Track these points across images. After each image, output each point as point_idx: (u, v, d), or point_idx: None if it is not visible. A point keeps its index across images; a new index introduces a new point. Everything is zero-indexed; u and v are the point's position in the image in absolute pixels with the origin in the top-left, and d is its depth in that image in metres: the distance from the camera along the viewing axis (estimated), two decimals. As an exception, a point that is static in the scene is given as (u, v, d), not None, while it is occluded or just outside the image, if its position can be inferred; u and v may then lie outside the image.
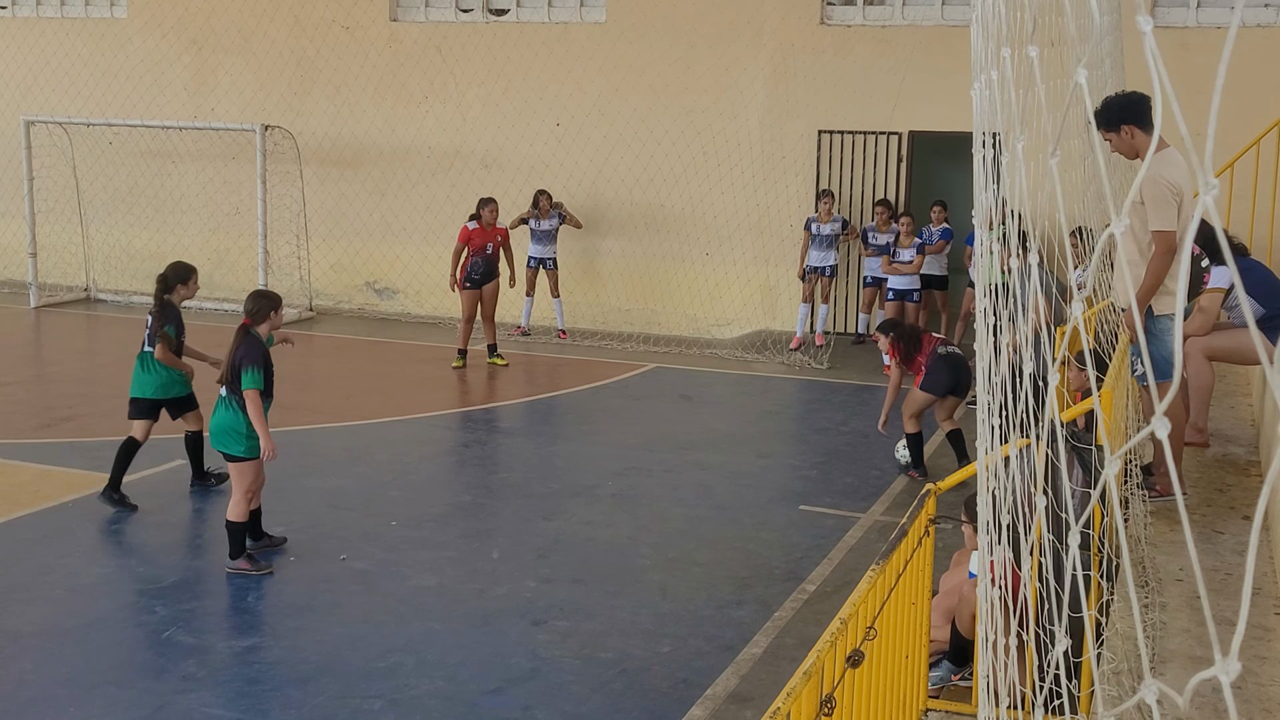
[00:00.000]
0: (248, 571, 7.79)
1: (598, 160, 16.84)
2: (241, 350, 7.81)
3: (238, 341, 7.87)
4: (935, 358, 9.81)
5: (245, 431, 7.78)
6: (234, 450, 7.82)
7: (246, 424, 7.77)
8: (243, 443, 7.80)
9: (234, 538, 7.83)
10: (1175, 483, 1.13)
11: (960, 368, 9.82)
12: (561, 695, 6.24)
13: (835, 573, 8.00)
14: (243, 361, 7.75)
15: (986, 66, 2.24)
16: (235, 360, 7.79)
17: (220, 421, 7.83)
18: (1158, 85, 1.13)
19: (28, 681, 6.23)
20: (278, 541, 8.19)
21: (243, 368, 7.73)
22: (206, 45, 18.85)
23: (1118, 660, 4.41)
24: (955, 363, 9.83)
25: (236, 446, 7.80)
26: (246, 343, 7.86)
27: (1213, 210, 1.07)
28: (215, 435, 7.88)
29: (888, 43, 15.58)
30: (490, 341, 14.53)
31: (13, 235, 19.64)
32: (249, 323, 7.93)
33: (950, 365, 9.80)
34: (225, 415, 7.81)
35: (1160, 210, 5.75)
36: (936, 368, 9.78)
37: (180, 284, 9.54)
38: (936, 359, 9.80)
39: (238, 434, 7.79)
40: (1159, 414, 1.02)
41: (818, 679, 3.30)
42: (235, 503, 7.84)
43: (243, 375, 7.73)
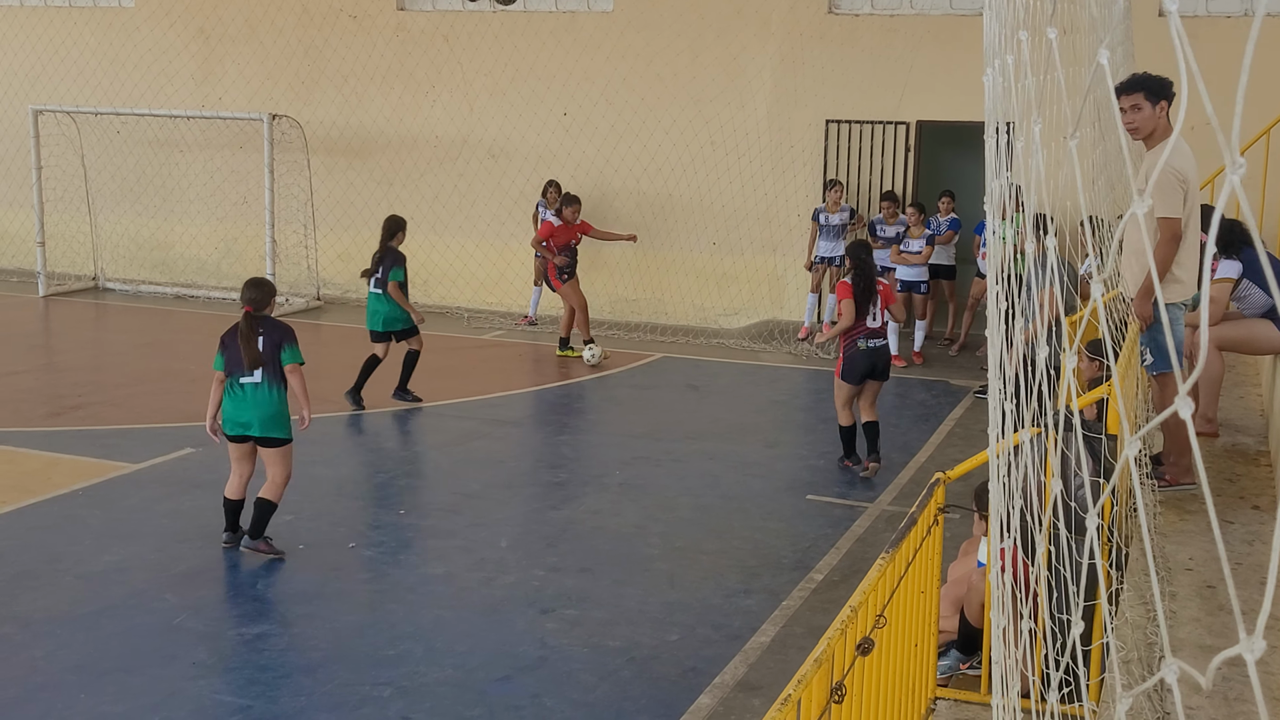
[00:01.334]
0: (263, 552, 7.83)
1: (605, 149, 16.82)
2: (275, 333, 7.89)
3: (256, 328, 7.88)
4: (853, 348, 9.55)
5: (286, 414, 7.89)
6: (285, 434, 7.90)
7: (285, 406, 7.87)
8: (287, 427, 7.91)
9: (262, 517, 7.86)
10: (1199, 470, 1.12)
11: (880, 355, 9.62)
12: (570, 683, 6.25)
13: (843, 562, 8.00)
14: (283, 340, 7.87)
15: (1001, 51, 2.24)
16: (274, 343, 7.84)
17: (267, 409, 7.81)
18: (1183, 66, 1.13)
19: (39, 668, 6.26)
20: None
21: (285, 344, 7.86)
22: (214, 34, 18.84)
23: (1127, 649, 4.41)
24: (874, 353, 9.57)
25: (286, 429, 7.90)
26: (271, 325, 7.94)
27: (1240, 191, 1.07)
28: (265, 424, 7.82)
29: (896, 32, 15.54)
30: (564, 335, 14.55)
31: (21, 224, 19.67)
32: (252, 310, 7.94)
33: (868, 355, 9.54)
34: (270, 400, 7.82)
35: (1166, 197, 5.74)
36: (854, 357, 9.56)
37: (399, 231, 11.72)
38: (854, 350, 9.55)
39: (284, 417, 7.88)
40: (1182, 394, 1.01)
41: (828, 666, 3.30)
42: (278, 485, 7.89)
43: (285, 352, 7.84)
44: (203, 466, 9.73)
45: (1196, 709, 3.86)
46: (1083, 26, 5.49)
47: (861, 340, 9.53)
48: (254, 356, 7.79)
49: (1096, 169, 6.54)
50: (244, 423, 7.81)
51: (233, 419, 7.85)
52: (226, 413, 7.89)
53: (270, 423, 7.83)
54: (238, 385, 7.82)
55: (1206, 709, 3.87)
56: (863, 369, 9.57)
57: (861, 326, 9.53)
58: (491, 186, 17.48)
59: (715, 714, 5.96)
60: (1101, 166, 6.57)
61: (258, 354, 7.80)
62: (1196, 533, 5.73)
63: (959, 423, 11.71)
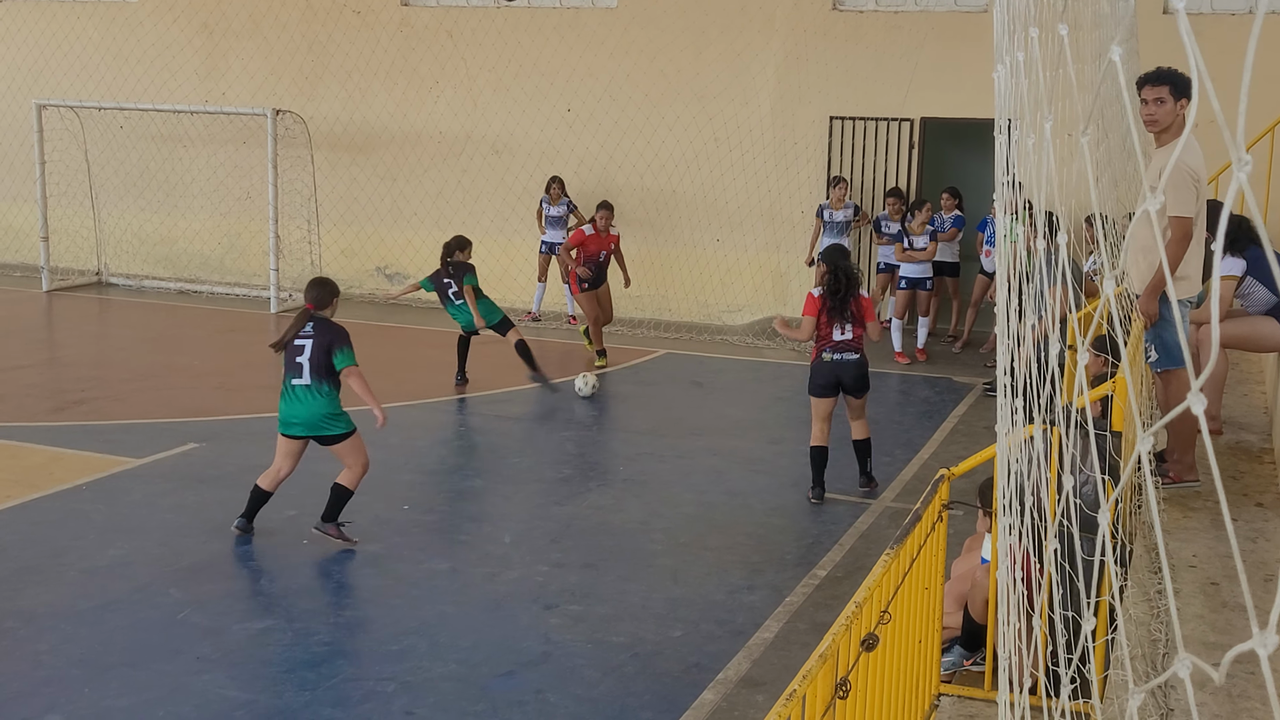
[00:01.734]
0: (332, 536, 8.00)
1: (609, 146, 16.82)
2: (327, 336, 7.93)
3: (307, 328, 7.96)
4: (818, 360, 9.07)
5: (339, 411, 7.99)
6: (338, 430, 7.99)
7: (337, 404, 7.97)
8: (343, 421, 8.02)
9: (337, 502, 8.05)
10: (1213, 467, 1.13)
11: (845, 369, 8.99)
12: (573, 679, 6.26)
13: (846, 558, 8.01)
14: (334, 343, 7.92)
15: (1011, 49, 2.24)
16: (323, 345, 7.88)
17: (313, 411, 7.90)
18: (1193, 63, 1.13)
19: (42, 663, 6.27)
20: None
21: (336, 348, 7.90)
22: (218, 29, 18.84)
23: (1131, 645, 4.42)
24: (839, 366, 8.99)
25: (338, 426, 8.00)
26: (325, 327, 8.00)
27: (1247, 187, 1.07)
28: (311, 425, 7.92)
29: (900, 28, 15.53)
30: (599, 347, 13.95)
31: (25, 219, 19.68)
32: (313, 308, 8.04)
33: (831, 369, 9.00)
34: (316, 403, 7.90)
35: (1180, 196, 5.74)
36: (816, 369, 9.10)
37: (459, 250, 12.37)
38: (818, 361, 9.06)
39: (334, 416, 7.98)
40: (1195, 389, 1.02)
41: (833, 662, 3.31)
42: (355, 474, 8.07)
43: (338, 355, 7.89)
44: (206, 462, 9.74)
45: (1201, 705, 3.86)
46: (1086, 24, 5.48)
47: (827, 352, 9.00)
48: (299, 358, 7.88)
49: (1100, 166, 6.54)
50: (293, 422, 7.94)
51: (284, 418, 7.97)
52: (280, 410, 8.00)
53: (317, 424, 7.92)
54: (290, 385, 7.92)
55: (1210, 705, 3.88)
56: (824, 381, 9.03)
57: (828, 337, 9.01)
58: (495, 182, 17.48)
59: (719, 710, 5.97)
60: (1105, 163, 6.57)
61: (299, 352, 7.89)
62: (1199, 530, 5.73)
63: (962, 419, 11.71)
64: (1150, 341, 6.19)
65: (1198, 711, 3.75)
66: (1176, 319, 2.32)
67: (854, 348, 9.04)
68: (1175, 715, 3.85)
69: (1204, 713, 3.83)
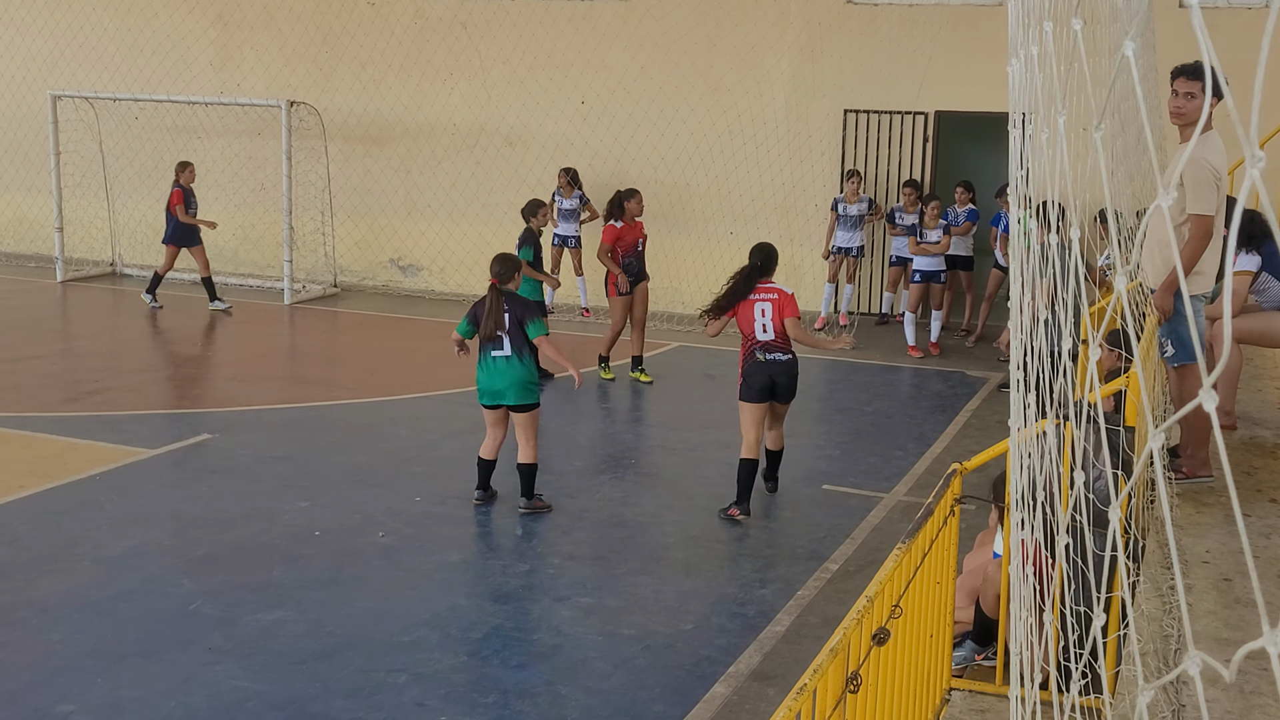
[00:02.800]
0: (538, 509, 8.57)
1: (622, 138, 16.81)
2: (517, 308, 8.43)
3: (502, 302, 8.39)
4: (751, 360, 8.51)
5: (536, 380, 8.56)
6: (534, 399, 8.50)
7: (534, 374, 8.54)
8: (537, 391, 8.56)
9: (528, 479, 8.58)
10: (1224, 463, 1.12)
11: (778, 370, 8.51)
12: (584, 671, 6.26)
13: (858, 552, 8.00)
14: (524, 315, 8.40)
15: (1026, 43, 2.23)
16: (516, 317, 8.36)
17: (516, 377, 8.41)
18: (1207, 60, 1.12)
19: (56, 652, 6.30)
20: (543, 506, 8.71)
21: (528, 320, 8.39)
22: (232, 21, 18.87)
23: (1143, 641, 4.40)
24: (772, 366, 8.50)
25: (534, 395, 8.52)
26: (515, 300, 8.49)
27: (1260, 184, 1.06)
28: (515, 391, 8.38)
29: (914, 22, 15.48)
30: (636, 353, 12.93)
31: (40, 209, 19.75)
32: (497, 283, 8.45)
33: (765, 369, 8.49)
34: (519, 370, 8.42)
35: (1201, 193, 5.70)
36: (749, 371, 8.51)
37: (532, 216, 12.14)
38: (751, 363, 8.51)
39: (534, 385, 8.52)
40: (1207, 386, 1.01)
41: (844, 656, 3.31)
42: (531, 447, 8.52)
43: (530, 326, 8.38)
44: (219, 453, 9.77)
45: (1212, 702, 3.85)
46: (1104, 17, 5.46)
47: (759, 351, 8.50)
48: (493, 328, 8.35)
49: (1116, 161, 6.51)
50: (497, 391, 8.43)
51: (486, 389, 8.48)
52: (480, 383, 8.51)
53: (520, 390, 8.42)
54: (489, 357, 8.38)
55: (1222, 702, 3.86)
56: (759, 384, 8.47)
57: (752, 337, 8.54)
58: (509, 175, 17.48)
59: (729, 703, 5.97)
60: (1121, 158, 6.54)
61: (500, 325, 8.35)
62: (1213, 525, 5.71)
63: (975, 414, 11.69)
64: (1165, 336, 6.16)
65: (1209, 708, 3.74)
66: (1189, 314, 2.31)
67: (783, 347, 8.59)
68: (1187, 711, 3.83)
69: (1215, 709, 3.82)
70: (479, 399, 8.58)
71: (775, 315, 8.51)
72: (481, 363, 8.47)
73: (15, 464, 9.32)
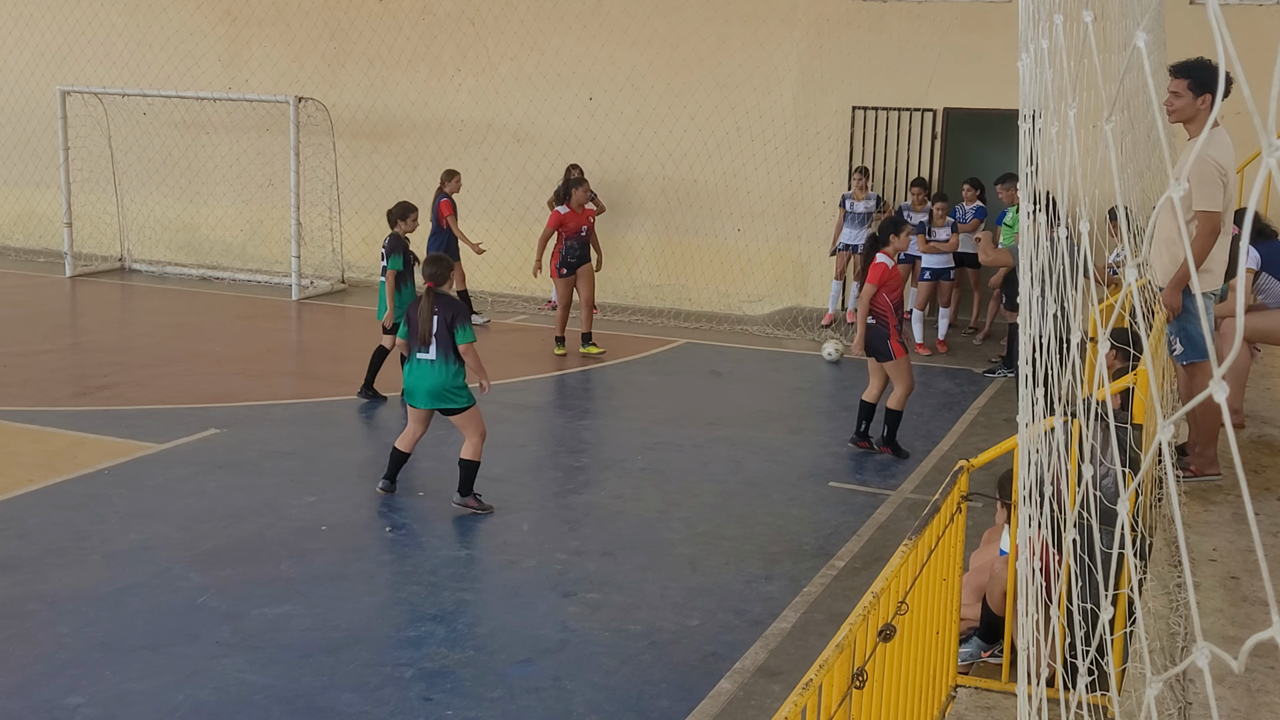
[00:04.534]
0: (471, 508, 8.43)
1: (630, 135, 16.80)
2: (448, 311, 8.32)
3: (434, 304, 8.29)
4: None
5: (462, 384, 8.38)
6: (461, 403, 8.37)
7: (459, 378, 8.36)
8: (465, 395, 8.39)
9: (467, 476, 8.48)
10: (1235, 459, 1.12)
11: None
12: (591, 667, 6.27)
13: (865, 549, 8.00)
14: (455, 320, 8.30)
15: (1036, 37, 2.23)
16: (446, 321, 8.26)
17: (435, 382, 8.32)
18: (1222, 53, 1.12)
19: (65, 645, 6.31)
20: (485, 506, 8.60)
21: (458, 325, 8.29)
22: (241, 17, 18.89)
23: (1149, 639, 4.40)
24: None
25: (461, 399, 8.37)
26: (446, 303, 8.39)
27: (1277, 172, 1.06)
28: (429, 397, 8.33)
29: (923, 18, 15.46)
30: (586, 329, 13.96)
31: (48, 205, 19.79)
32: (433, 285, 8.37)
33: None
34: (441, 375, 8.30)
35: (1206, 190, 5.69)
36: None
37: (401, 219, 11.30)
38: None
39: (458, 389, 8.36)
40: (1217, 377, 1.01)
41: (850, 652, 3.31)
42: (475, 446, 8.43)
43: (459, 332, 8.28)
44: (227, 447, 9.79)
45: (1218, 699, 3.85)
46: (1113, 13, 5.45)
47: None
48: (426, 331, 8.27)
49: (1125, 156, 6.50)
50: (411, 391, 8.43)
51: (407, 387, 8.49)
52: (405, 383, 8.49)
53: (442, 395, 8.32)
54: (415, 358, 8.34)
55: (1229, 699, 3.86)
56: None
57: None
58: (516, 171, 17.49)
59: (735, 699, 5.98)
60: (1130, 154, 6.53)
61: (428, 328, 8.27)
62: (1220, 524, 5.70)
63: (982, 411, 11.68)
64: (1174, 334, 6.15)
65: (1217, 706, 3.74)
66: (1200, 311, 2.30)
67: None
68: (1194, 709, 3.83)
69: (1222, 706, 3.82)
70: (404, 397, 8.60)
71: None
72: (409, 362, 8.44)
73: (24, 458, 9.34)
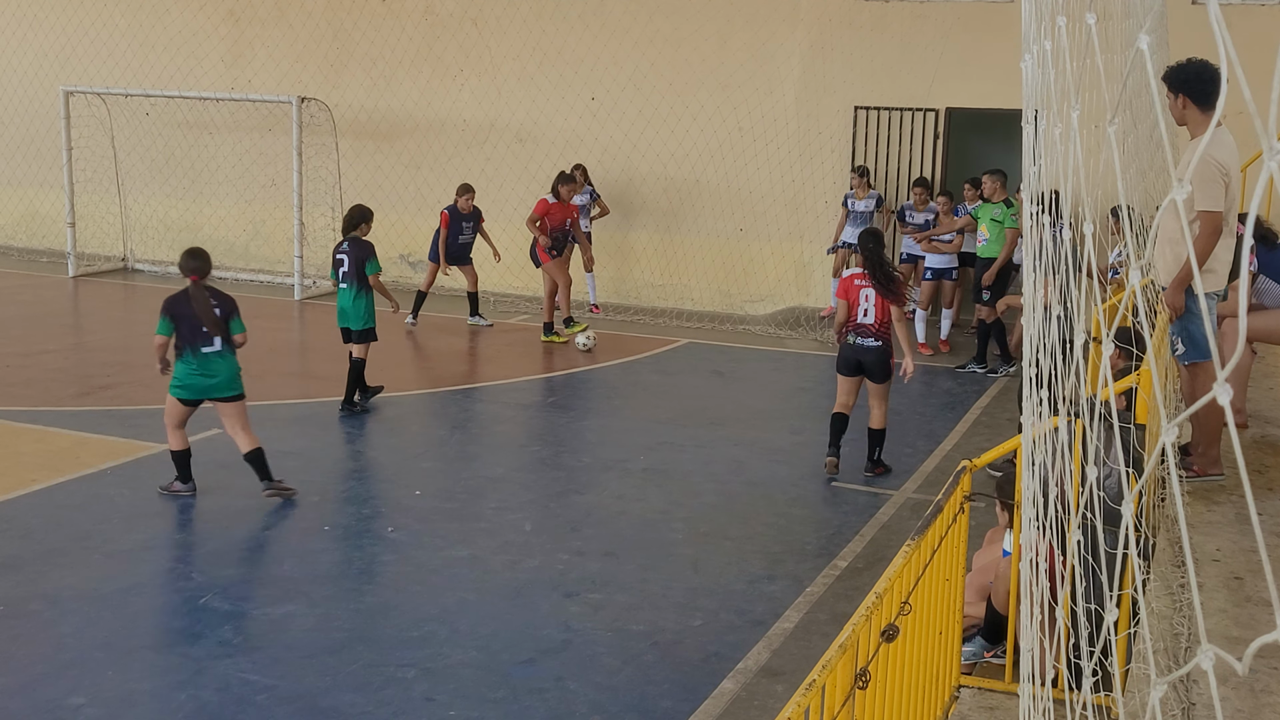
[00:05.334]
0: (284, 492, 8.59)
1: (632, 135, 16.80)
2: (228, 303, 8.50)
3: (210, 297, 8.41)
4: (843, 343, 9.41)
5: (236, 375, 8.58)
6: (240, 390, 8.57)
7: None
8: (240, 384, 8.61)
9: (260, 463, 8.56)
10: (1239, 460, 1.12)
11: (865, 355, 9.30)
12: (593, 667, 6.27)
13: (867, 549, 7.99)
14: (232, 311, 8.48)
15: (1039, 37, 2.22)
16: (225, 312, 8.42)
17: (231, 369, 8.49)
18: (1223, 52, 1.12)
19: (66, 645, 6.32)
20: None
21: (233, 316, 8.46)
22: (244, 17, 18.90)
23: (1153, 639, 4.39)
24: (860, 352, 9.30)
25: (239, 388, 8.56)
26: (220, 295, 8.55)
27: (1278, 175, 1.06)
28: (230, 383, 8.49)
29: (925, 18, 15.45)
30: (548, 319, 14.58)
31: (52, 205, 19.80)
32: (197, 279, 8.47)
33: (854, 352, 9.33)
34: (232, 363, 8.51)
35: (1207, 190, 5.68)
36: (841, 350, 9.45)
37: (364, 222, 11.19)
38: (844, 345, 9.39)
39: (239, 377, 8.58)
40: (1221, 379, 1.01)
41: (853, 652, 3.30)
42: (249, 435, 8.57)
43: (234, 323, 8.45)
44: (229, 448, 9.77)
45: (1222, 700, 3.84)
46: (1115, 14, 5.44)
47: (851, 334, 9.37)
48: (212, 323, 8.37)
49: (1127, 157, 6.50)
50: (207, 387, 8.44)
51: (193, 385, 8.42)
52: (187, 379, 8.41)
53: (235, 382, 8.52)
54: (198, 353, 8.37)
55: (1233, 700, 3.85)
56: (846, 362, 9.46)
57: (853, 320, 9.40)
58: (519, 171, 17.49)
59: (738, 699, 5.97)
60: (1133, 154, 6.53)
61: (216, 320, 8.40)
62: (1223, 524, 5.69)
63: (985, 411, 11.67)
64: (1176, 334, 6.14)
65: (1220, 706, 3.73)
66: (1204, 311, 2.30)
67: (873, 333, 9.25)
68: (1197, 710, 3.82)
69: (1226, 707, 3.81)
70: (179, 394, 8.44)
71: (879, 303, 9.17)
72: (187, 360, 8.38)
73: (27, 458, 9.35)
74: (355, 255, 10.88)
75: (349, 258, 10.89)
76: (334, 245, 11.05)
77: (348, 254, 10.92)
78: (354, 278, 10.87)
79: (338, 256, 11.00)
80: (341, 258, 10.95)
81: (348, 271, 10.88)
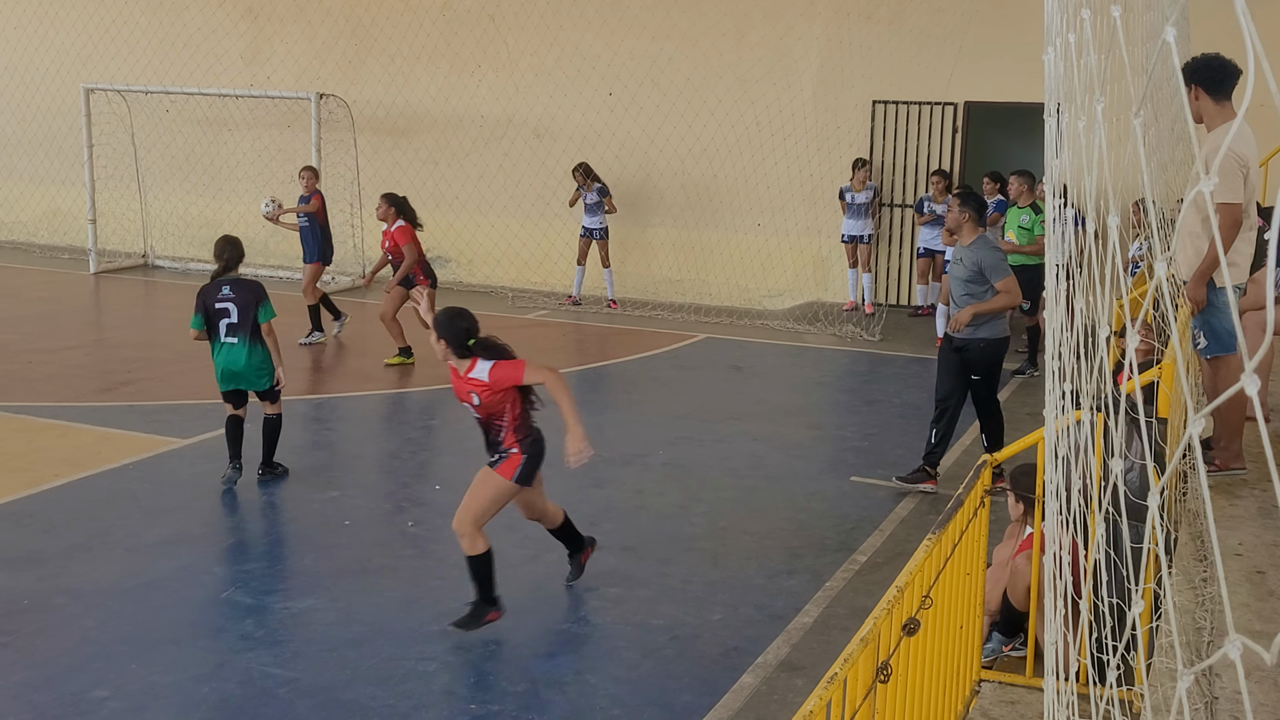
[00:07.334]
0: None
1: (650, 130, 16.80)
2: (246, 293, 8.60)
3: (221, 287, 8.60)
4: None
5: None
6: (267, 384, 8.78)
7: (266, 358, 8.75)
8: None
9: None
10: (1268, 451, 1.12)
11: None
12: (613, 660, 6.28)
13: (886, 544, 7.99)
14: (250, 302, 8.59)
15: (1063, 30, 2.22)
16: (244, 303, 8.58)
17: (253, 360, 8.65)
18: (1249, 41, 1.12)
19: (90, 638, 6.36)
20: None
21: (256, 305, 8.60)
22: (263, 14, 18.95)
23: (1177, 634, 4.38)
24: None
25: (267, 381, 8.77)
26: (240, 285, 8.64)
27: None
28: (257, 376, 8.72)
29: (944, 12, 15.41)
30: None
31: (73, 202, 19.90)
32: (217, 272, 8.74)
33: None
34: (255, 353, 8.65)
35: (1227, 182, 5.66)
36: None
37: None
38: None
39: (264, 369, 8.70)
40: (1249, 370, 1.01)
41: (874, 646, 3.31)
42: None
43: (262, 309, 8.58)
44: (250, 443, 9.81)
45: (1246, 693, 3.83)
46: (1136, 6, 5.42)
47: None
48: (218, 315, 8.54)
49: (1149, 151, 6.47)
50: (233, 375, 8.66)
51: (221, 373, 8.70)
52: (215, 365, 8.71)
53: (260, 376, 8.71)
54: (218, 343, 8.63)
55: (1257, 694, 3.84)
56: None
57: None
58: (536, 166, 17.51)
59: (758, 693, 5.98)
60: (1154, 148, 6.50)
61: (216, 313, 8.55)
62: (1245, 518, 5.67)
63: (1005, 406, 11.61)
64: (1199, 328, 6.12)
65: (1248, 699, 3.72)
66: (1232, 303, 2.30)
67: None
68: (1220, 703, 3.82)
69: (1249, 700, 3.80)
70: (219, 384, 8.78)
71: None
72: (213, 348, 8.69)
73: (50, 453, 9.41)
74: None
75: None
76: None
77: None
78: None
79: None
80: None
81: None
